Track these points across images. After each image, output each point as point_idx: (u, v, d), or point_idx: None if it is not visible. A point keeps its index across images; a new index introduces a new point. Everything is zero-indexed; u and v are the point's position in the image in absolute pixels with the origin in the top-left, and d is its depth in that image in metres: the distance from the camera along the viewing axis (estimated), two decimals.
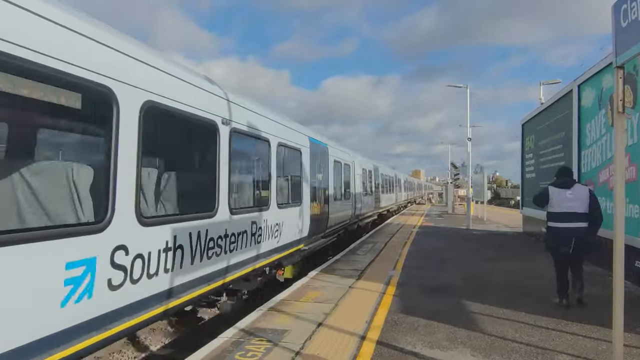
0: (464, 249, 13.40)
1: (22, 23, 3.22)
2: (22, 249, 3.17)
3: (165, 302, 4.90)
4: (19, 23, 3.20)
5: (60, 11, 3.57)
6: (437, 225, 22.82)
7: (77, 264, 3.63)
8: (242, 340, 5.31)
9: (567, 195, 6.68)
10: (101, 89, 3.95)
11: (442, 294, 7.60)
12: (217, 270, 6.01)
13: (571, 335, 5.52)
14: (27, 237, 3.23)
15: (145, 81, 4.56)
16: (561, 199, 6.70)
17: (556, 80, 19.42)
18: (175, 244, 4.99)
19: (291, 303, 7.00)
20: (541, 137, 14.65)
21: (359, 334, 5.54)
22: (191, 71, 5.83)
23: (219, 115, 6.11)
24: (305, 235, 9.97)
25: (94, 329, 3.86)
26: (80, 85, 3.77)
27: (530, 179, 16.24)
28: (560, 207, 6.69)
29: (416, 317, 6.19)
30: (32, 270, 3.26)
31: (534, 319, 6.13)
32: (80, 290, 3.67)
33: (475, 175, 26.69)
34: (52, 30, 3.48)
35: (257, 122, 7.46)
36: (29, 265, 3.24)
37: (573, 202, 6.61)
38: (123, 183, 4.16)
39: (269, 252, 7.86)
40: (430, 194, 78.61)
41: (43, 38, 3.38)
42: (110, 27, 4.33)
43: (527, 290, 7.80)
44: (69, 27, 3.63)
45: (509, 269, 9.99)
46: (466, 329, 5.72)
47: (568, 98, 11.69)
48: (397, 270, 9.75)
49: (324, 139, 12.75)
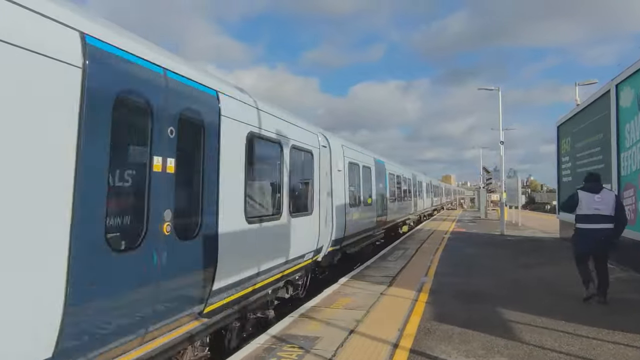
0: (498, 255, 13.08)
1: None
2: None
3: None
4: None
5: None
6: (469, 231, 22.38)
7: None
8: (274, 346, 5.33)
9: (595, 199, 7.09)
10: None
11: (476, 302, 7.44)
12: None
13: (613, 344, 5.31)
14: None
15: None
16: (590, 202, 7.11)
17: (592, 80, 18.84)
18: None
19: (322, 310, 6.99)
20: (578, 139, 14.20)
21: (391, 341, 5.47)
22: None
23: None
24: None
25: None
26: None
27: (566, 183, 15.74)
28: (589, 209, 7.08)
29: (450, 325, 6.07)
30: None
31: (573, 328, 5.92)
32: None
33: (508, 180, 26.07)
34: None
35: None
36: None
37: (601, 204, 7.03)
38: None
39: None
40: (461, 199, 77.40)
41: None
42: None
43: (566, 298, 7.54)
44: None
45: (546, 275, 9.70)
46: (503, 337, 5.57)
47: (606, 98, 11.30)
48: (429, 276, 9.61)
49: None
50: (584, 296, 7.23)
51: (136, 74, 3.90)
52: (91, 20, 3.50)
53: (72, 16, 3.27)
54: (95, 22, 3.55)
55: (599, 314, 6.51)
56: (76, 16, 3.31)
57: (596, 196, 7.11)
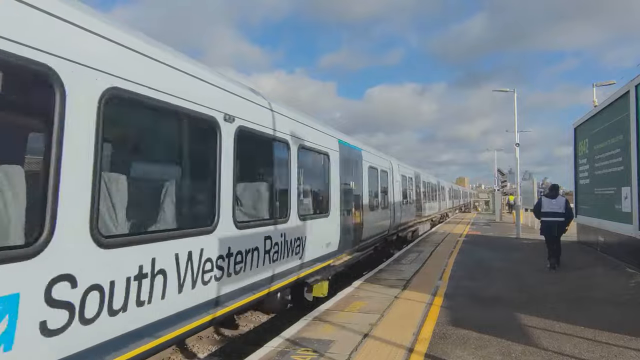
0: (514, 259, 12.89)
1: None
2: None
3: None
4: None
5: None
6: (484, 234, 22.11)
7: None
8: (288, 350, 5.30)
9: (552, 202, 11.33)
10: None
11: (492, 306, 7.32)
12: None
13: (635, 351, 5.17)
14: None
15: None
16: (548, 204, 11.37)
17: (610, 81, 18.52)
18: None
19: (336, 313, 6.94)
20: (596, 141, 13.92)
21: (406, 346, 5.40)
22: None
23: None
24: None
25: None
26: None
27: (584, 185, 15.44)
28: (548, 208, 11.32)
29: (466, 330, 5.98)
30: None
31: (593, 334, 5.79)
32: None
33: (524, 182, 25.70)
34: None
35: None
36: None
37: (555, 206, 11.27)
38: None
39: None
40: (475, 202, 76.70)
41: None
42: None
43: (585, 303, 7.39)
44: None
45: (563, 280, 9.52)
46: (520, 343, 5.46)
47: (625, 99, 11.06)
48: (443, 280, 9.49)
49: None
50: (547, 266, 11.01)
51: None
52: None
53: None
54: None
55: (620, 320, 6.36)
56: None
57: (553, 200, 11.31)
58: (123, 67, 3.80)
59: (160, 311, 4.18)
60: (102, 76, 3.53)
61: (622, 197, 10.89)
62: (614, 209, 11.50)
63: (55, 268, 3.11)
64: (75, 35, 3.34)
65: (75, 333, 3.25)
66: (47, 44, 3.06)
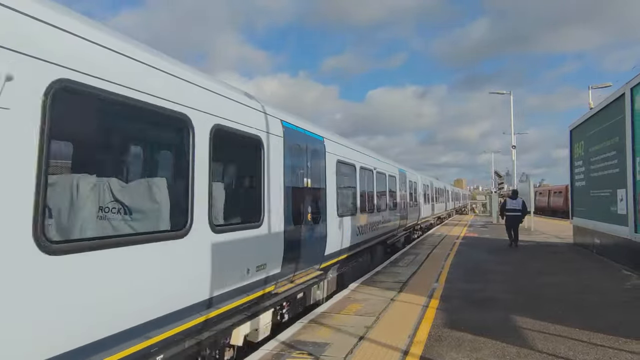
0: (511, 261, 12.90)
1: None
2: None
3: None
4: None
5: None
6: (481, 236, 22.16)
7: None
8: (284, 353, 5.31)
9: (513, 202, 16.70)
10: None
11: (488, 308, 7.34)
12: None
13: (630, 353, 5.18)
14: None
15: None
16: (510, 203, 16.73)
17: (606, 83, 18.62)
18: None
19: (332, 315, 6.95)
20: (592, 143, 13.98)
21: (401, 348, 5.42)
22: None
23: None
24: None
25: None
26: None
27: (580, 187, 15.50)
28: (510, 206, 16.59)
29: (461, 332, 5.99)
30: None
31: (588, 336, 5.80)
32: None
33: (521, 184, 25.77)
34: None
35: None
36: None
37: (515, 205, 16.52)
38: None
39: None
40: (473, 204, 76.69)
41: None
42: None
43: (580, 306, 7.41)
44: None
45: (559, 282, 9.53)
46: (515, 345, 5.48)
47: (620, 102, 11.12)
48: (440, 283, 9.51)
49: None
50: (509, 245, 16.29)
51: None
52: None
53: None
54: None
55: (615, 322, 6.37)
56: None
57: (513, 201, 16.70)
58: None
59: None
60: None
61: (617, 199, 10.94)
62: (610, 211, 11.55)
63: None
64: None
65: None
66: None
